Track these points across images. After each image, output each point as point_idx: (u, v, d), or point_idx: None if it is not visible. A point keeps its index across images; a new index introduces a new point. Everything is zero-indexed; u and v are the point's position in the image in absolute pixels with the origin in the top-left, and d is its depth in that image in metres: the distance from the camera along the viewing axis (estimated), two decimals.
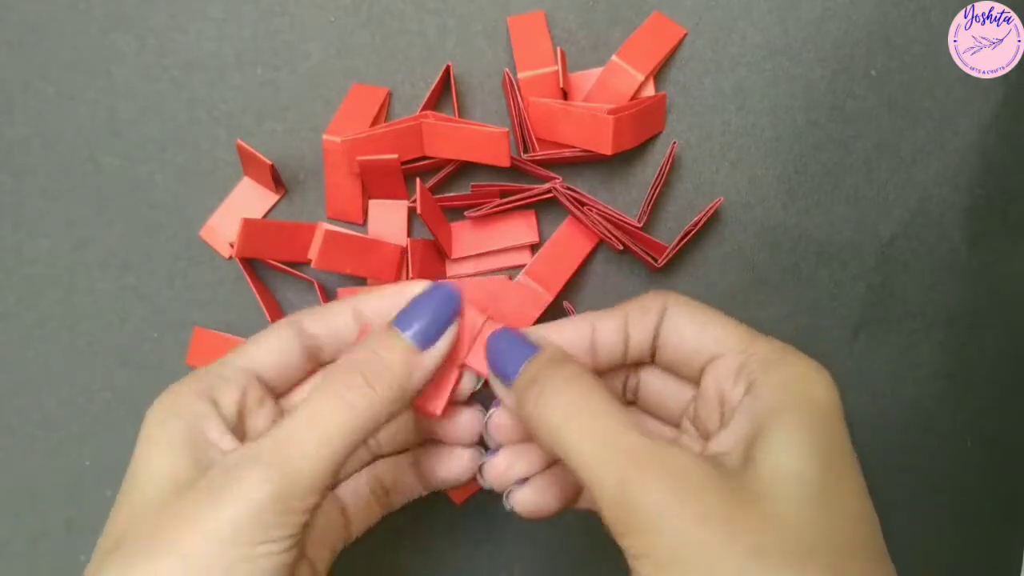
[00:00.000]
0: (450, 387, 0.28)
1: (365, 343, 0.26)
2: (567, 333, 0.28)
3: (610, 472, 0.22)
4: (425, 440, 0.32)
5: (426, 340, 0.26)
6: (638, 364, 0.29)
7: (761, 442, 0.22)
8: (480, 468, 0.30)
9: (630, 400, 0.31)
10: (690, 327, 0.26)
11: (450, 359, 0.28)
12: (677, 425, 0.29)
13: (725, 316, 0.27)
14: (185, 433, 0.24)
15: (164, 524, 0.22)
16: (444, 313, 0.27)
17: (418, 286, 0.28)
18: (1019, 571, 0.38)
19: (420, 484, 0.31)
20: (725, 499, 0.21)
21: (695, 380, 0.27)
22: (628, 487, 0.21)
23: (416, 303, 0.27)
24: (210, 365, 0.27)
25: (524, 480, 0.29)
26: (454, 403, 0.29)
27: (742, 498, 0.21)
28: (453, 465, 0.30)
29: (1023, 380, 0.38)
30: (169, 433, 0.24)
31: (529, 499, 0.28)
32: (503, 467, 0.29)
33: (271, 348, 0.28)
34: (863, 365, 0.37)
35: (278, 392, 0.28)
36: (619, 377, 0.30)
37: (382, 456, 0.32)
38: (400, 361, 0.25)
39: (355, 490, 0.30)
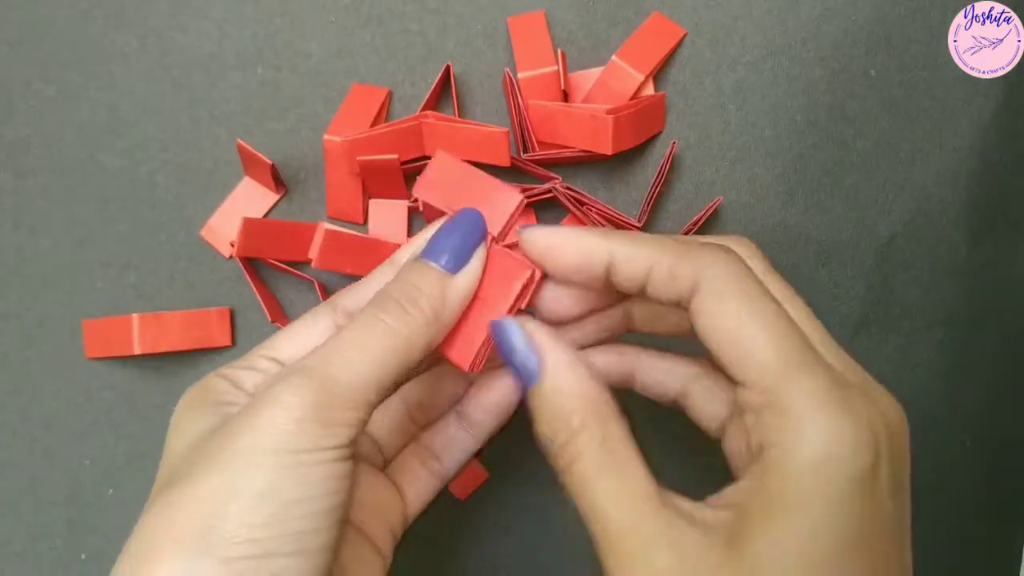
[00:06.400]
0: (481, 339, 0.27)
1: (397, 276, 0.26)
2: (580, 256, 0.25)
3: (621, 544, 0.22)
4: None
5: (456, 263, 0.26)
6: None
7: (747, 540, 0.21)
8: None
9: (624, 382, 0.29)
10: (715, 330, 0.23)
11: (482, 310, 0.27)
12: (674, 401, 0.28)
13: (770, 318, 0.22)
14: (216, 405, 0.24)
15: (207, 450, 0.22)
16: (469, 235, 0.26)
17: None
18: (1019, 571, 0.38)
19: (465, 432, 0.30)
20: None
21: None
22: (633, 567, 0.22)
23: (439, 232, 0.26)
24: (238, 360, 0.26)
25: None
26: (487, 358, 0.28)
27: None
28: (494, 392, 0.29)
29: (1022, 380, 0.38)
30: (198, 409, 0.24)
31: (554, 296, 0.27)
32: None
33: (300, 335, 0.27)
34: (863, 365, 0.37)
35: None
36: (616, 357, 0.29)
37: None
38: (432, 283, 0.25)
39: (403, 462, 0.30)
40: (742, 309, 0.22)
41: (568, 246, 0.25)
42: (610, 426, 0.24)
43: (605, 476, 0.23)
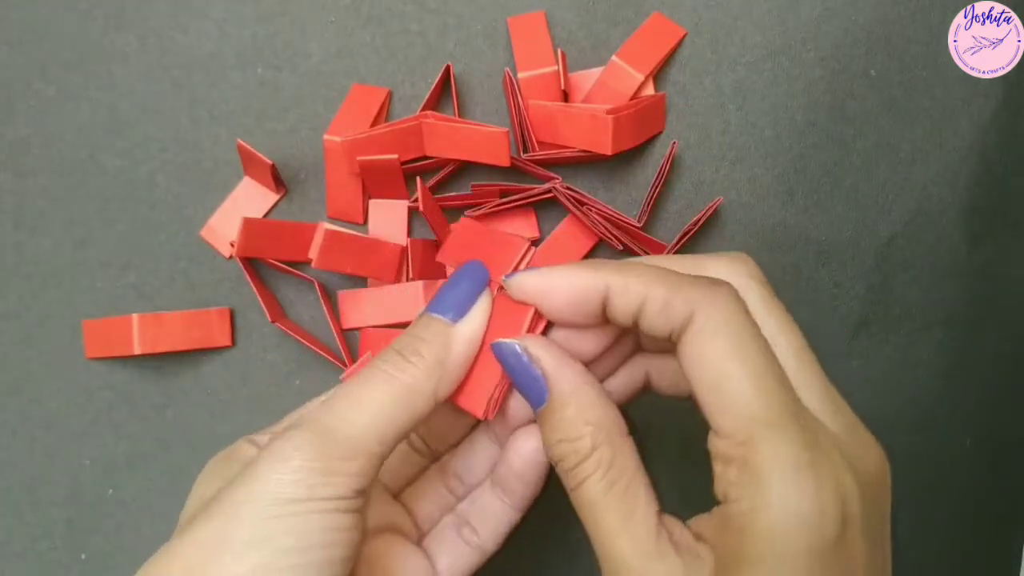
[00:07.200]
0: (493, 385, 0.27)
1: (404, 331, 0.26)
2: (574, 293, 0.24)
3: (619, 569, 0.22)
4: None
5: (459, 313, 0.26)
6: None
7: None
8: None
9: (642, 390, 0.29)
10: (698, 373, 0.22)
11: (491, 356, 0.26)
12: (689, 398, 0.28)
13: (755, 368, 0.22)
14: (239, 464, 0.25)
15: (212, 502, 0.23)
16: (472, 284, 0.27)
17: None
18: (1019, 571, 0.38)
19: (500, 501, 0.29)
20: None
21: None
22: None
23: (443, 286, 0.27)
24: (270, 427, 0.28)
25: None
26: (500, 401, 0.27)
27: None
28: (522, 456, 0.28)
29: (1022, 380, 0.38)
30: (220, 468, 0.26)
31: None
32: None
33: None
34: (863, 365, 0.37)
35: None
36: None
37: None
38: (435, 332, 0.26)
39: (439, 533, 0.29)
40: (728, 356, 0.22)
41: (560, 284, 0.25)
42: (618, 451, 0.24)
43: (609, 503, 0.23)
